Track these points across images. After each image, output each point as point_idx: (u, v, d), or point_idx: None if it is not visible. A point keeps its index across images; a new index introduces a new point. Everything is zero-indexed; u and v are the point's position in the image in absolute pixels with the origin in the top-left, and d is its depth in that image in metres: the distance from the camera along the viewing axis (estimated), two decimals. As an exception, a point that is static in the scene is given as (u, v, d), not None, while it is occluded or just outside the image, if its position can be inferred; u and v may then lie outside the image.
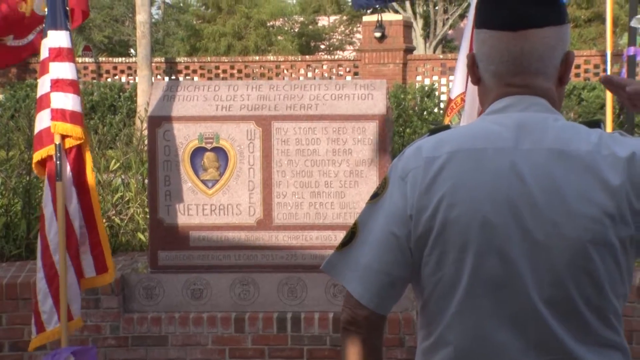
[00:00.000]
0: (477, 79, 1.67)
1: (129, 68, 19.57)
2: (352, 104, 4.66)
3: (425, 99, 16.73)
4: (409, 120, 14.96)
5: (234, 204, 4.67)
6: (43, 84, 3.93)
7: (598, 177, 1.49)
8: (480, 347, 1.53)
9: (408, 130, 13.55)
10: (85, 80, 18.45)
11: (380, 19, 17.69)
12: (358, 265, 1.60)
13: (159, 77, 18.94)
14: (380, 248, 1.58)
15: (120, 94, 18.19)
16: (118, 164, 7.04)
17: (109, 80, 19.21)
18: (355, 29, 29.99)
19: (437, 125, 1.72)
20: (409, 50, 18.66)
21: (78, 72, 4.03)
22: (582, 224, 1.48)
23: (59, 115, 3.85)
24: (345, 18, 30.96)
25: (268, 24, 28.08)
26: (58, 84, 3.87)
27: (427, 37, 26.34)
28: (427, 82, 17.78)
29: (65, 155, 3.89)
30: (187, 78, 19.08)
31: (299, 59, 19.66)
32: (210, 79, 18.80)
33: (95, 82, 18.80)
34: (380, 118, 4.61)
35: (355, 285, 1.59)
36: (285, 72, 18.91)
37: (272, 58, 19.97)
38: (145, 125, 5.02)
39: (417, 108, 16.34)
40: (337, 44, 30.96)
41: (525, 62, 1.58)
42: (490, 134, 1.56)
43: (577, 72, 17.11)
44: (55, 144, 3.86)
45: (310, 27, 30.24)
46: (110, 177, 6.71)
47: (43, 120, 3.91)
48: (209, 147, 4.66)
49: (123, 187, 6.55)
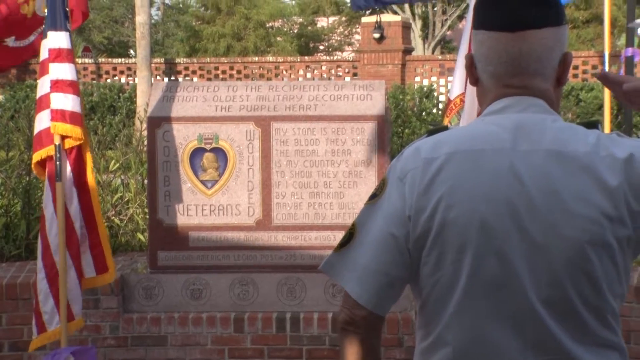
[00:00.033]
0: (475, 80, 1.67)
1: (129, 69, 19.58)
2: (351, 105, 4.67)
3: (424, 100, 16.74)
4: (408, 121, 14.98)
5: (233, 205, 4.68)
6: (43, 85, 3.92)
7: (596, 178, 1.50)
8: (479, 347, 1.53)
9: (407, 131, 13.56)
10: (85, 81, 18.45)
11: (379, 20, 17.70)
12: (356, 266, 1.60)
13: (159, 78, 18.95)
14: (379, 248, 1.58)
15: (120, 95, 18.20)
16: (117, 165, 7.04)
17: (109, 81, 19.22)
18: (354, 30, 29.98)
19: (435, 126, 1.72)
20: (408, 51, 18.68)
21: (78, 72, 4.03)
22: (580, 225, 1.49)
23: (59, 116, 3.84)
24: (344, 19, 30.96)
25: (267, 25, 28.08)
26: (58, 85, 3.87)
27: (425, 38, 26.34)
28: (425, 82, 17.80)
29: (66, 156, 3.89)
30: (186, 79, 19.08)
31: (298, 60, 19.69)
32: (210, 80, 18.81)
33: (95, 82, 18.81)
34: (379, 119, 4.62)
35: (354, 286, 1.59)
36: (285, 72, 18.92)
37: (271, 59, 19.98)
38: (145, 126, 5.03)
39: (415, 109, 16.35)
40: (336, 45, 30.95)
41: (524, 63, 1.57)
42: (489, 135, 1.56)
43: (575, 72, 17.13)
44: (55, 145, 3.86)
45: (309, 28, 30.24)
46: (110, 177, 6.71)
47: (43, 121, 3.90)
48: (209, 147, 4.67)
49: (122, 187, 6.56)
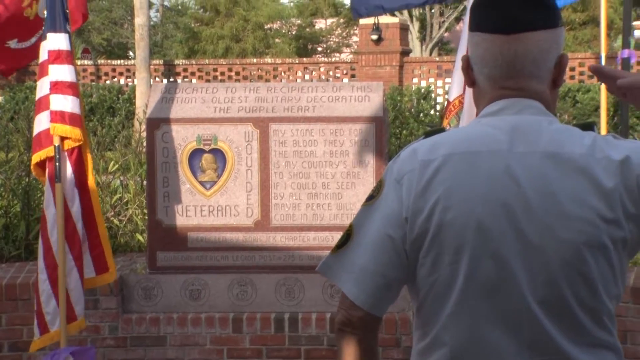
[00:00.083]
0: (471, 82, 1.67)
1: (128, 70, 19.59)
2: (349, 106, 4.69)
3: (422, 101, 16.76)
4: (406, 122, 14.99)
5: (232, 205, 4.70)
6: (42, 86, 3.93)
7: (592, 180, 1.50)
8: (476, 347, 1.54)
9: (404, 132, 13.57)
10: (84, 83, 18.45)
11: (377, 22, 17.70)
12: (354, 267, 1.60)
13: (158, 79, 18.96)
14: (376, 250, 1.58)
15: (119, 96, 18.20)
16: (117, 166, 7.06)
17: (108, 83, 19.22)
18: (352, 32, 29.99)
19: (432, 128, 1.73)
20: (406, 53, 18.71)
21: (77, 74, 4.05)
22: (576, 227, 1.50)
23: (58, 117, 3.85)
24: (342, 21, 30.97)
25: (265, 27, 28.08)
26: (57, 86, 3.87)
27: (423, 39, 26.36)
28: (423, 84, 17.82)
29: (67, 157, 3.90)
30: (185, 80, 19.08)
31: (297, 62, 19.71)
32: (208, 81, 18.81)
33: (94, 84, 18.80)
34: (377, 120, 4.64)
35: (351, 287, 1.59)
36: (283, 74, 18.94)
37: (269, 60, 20.00)
38: (144, 127, 5.05)
39: (413, 110, 16.37)
40: (334, 47, 30.95)
41: (519, 65, 1.58)
42: (485, 137, 1.57)
43: (571, 74, 17.16)
44: (55, 146, 3.87)
45: (308, 29, 30.25)
46: (109, 178, 6.72)
47: (42, 122, 3.91)
48: (207, 148, 4.69)
49: (122, 188, 6.57)
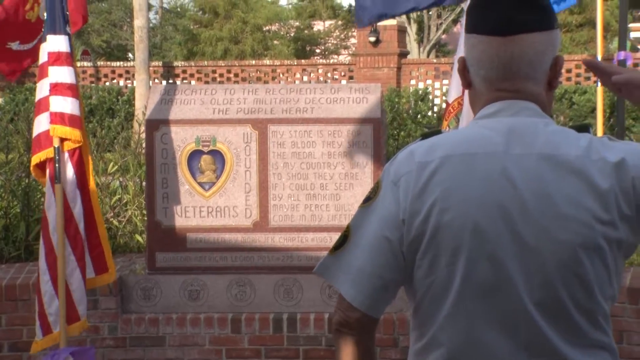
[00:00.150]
0: (468, 83, 1.67)
1: (127, 72, 19.62)
2: (347, 108, 4.71)
3: (419, 103, 16.82)
4: (403, 124, 15.03)
5: (231, 206, 4.72)
6: (42, 88, 3.95)
7: (588, 181, 1.51)
8: (472, 348, 1.55)
9: (402, 134, 13.60)
10: (84, 84, 18.46)
11: (375, 24, 17.74)
12: (351, 268, 1.60)
13: (157, 81, 18.98)
14: (373, 251, 1.58)
15: (119, 98, 18.23)
16: (116, 167, 7.08)
17: (107, 84, 19.26)
18: (350, 34, 30.01)
19: (429, 130, 1.75)
20: (403, 55, 18.76)
21: (77, 76, 4.07)
22: (572, 228, 1.50)
23: (58, 119, 3.86)
24: (340, 23, 31.03)
25: (264, 29, 28.09)
26: (57, 88, 3.89)
27: (421, 41, 26.38)
28: (421, 85, 17.87)
29: (69, 158, 3.92)
30: (184, 82, 19.11)
31: (295, 63, 19.73)
32: (207, 83, 18.83)
33: (94, 85, 18.84)
34: (375, 121, 4.66)
35: (348, 288, 1.60)
36: (281, 76, 18.96)
37: (268, 62, 20.02)
38: (143, 129, 5.07)
39: (411, 111, 16.42)
40: (332, 49, 30.98)
41: (515, 67, 1.58)
42: (481, 139, 1.57)
43: (568, 76, 17.21)
44: (54, 147, 3.89)
45: (306, 31, 30.27)
46: (109, 179, 6.74)
47: (42, 124, 3.93)
48: (206, 150, 4.71)
49: (121, 189, 6.59)
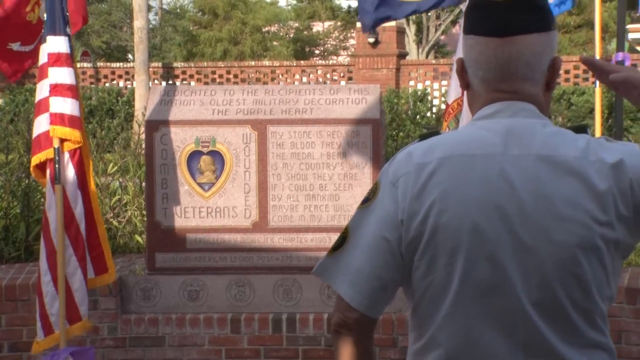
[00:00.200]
0: (466, 84, 1.67)
1: (127, 73, 19.64)
2: (346, 109, 4.72)
3: (418, 104, 16.84)
4: (402, 124, 15.05)
5: (230, 207, 4.73)
6: (42, 89, 3.95)
7: (586, 182, 1.52)
8: (471, 348, 1.55)
9: (401, 134, 13.62)
10: (84, 85, 18.48)
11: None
12: (349, 269, 1.60)
13: (157, 82, 18.99)
14: (372, 252, 1.59)
15: (118, 99, 18.25)
16: (116, 168, 7.09)
17: (107, 85, 19.28)
18: (349, 35, 30.05)
19: (428, 131, 1.75)
20: (402, 56, 18.78)
21: (77, 76, 4.08)
22: (570, 229, 1.51)
23: (58, 120, 3.87)
24: (340, 24, 31.07)
25: (263, 30, 28.14)
26: (57, 89, 3.89)
27: (419, 42, 26.40)
28: (419, 86, 17.90)
29: (70, 159, 3.92)
30: (184, 83, 19.12)
31: (294, 64, 19.75)
32: (207, 84, 18.84)
33: (94, 86, 18.87)
34: (374, 122, 4.67)
35: (346, 289, 1.60)
36: (281, 77, 18.98)
37: (267, 63, 20.04)
38: (143, 129, 5.08)
39: (410, 112, 16.44)
40: (331, 50, 31.02)
41: (512, 68, 1.59)
42: (479, 140, 1.58)
43: (566, 77, 17.24)
44: (54, 148, 3.90)
45: (305, 32, 30.31)
46: (108, 180, 6.75)
47: (41, 124, 3.93)
48: (206, 150, 4.72)
49: (121, 190, 6.60)
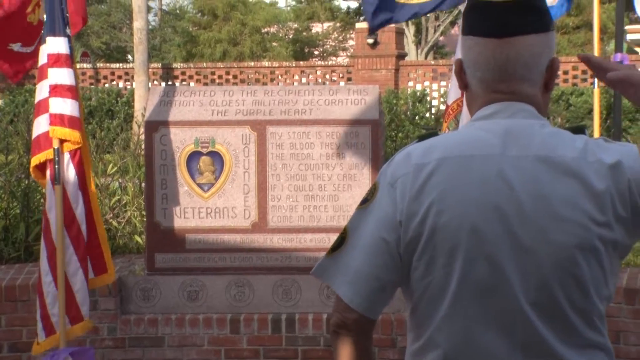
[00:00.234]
0: (464, 85, 1.68)
1: (127, 74, 19.64)
2: (345, 109, 4.73)
3: (417, 104, 16.87)
4: (401, 125, 15.05)
5: (230, 207, 4.74)
6: (41, 90, 3.95)
7: (584, 183, 1.52)
8: (469, 349, 1.56)
9: (400, 135, 13.61)
10: (83, 86, 18.49)
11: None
12: (348, 270, 1.61)
13: (156, 82, 19.00)
14: (370, 253, 1.59)
15: (118, 99, 18.27)
16: (115, 168, 7.10)
17: (107, 86, 19.28)
18: (348, 36, 30.08)
19: (426, 131, 1.76)
20: (401, 57, 18.79)
21: (77, 77, 4.09)
22: (568, 229, 1.51)
23: (58, 120, 3.87)
24: (339, 25, 31.11)
25: (263, 31, 28.18)
26: (57, 90, 3.89)
27: (418, 43, 26.45)
28: (418, 87, 17.92)
29: (70, 160, 3.93)
30: (183, 83, 19.12)
31: (293, 65, 19.77)
32: (206, 85, 18.85)
33: (93, 87, 18.88)
34: (373, 123, 4.68)
35: (345, 289, 1.60)
36: (280, 77, 18.99)
37: (266, 64, 20.06)
38: (142, 130, 5.09)
39: (409, 113, 16.47)
40: (330, 50, 31.06)
41: (511, 68, 1.59)
42: (478, 141, 1.58)
43: (565, 77, 17.26)
44: (54, 148, 3.90)
45: (304, 33, 30.35)
46: (108, 180, 6.76)
47: (41, 125, 3.93)
48: (205, 151, 4.73)
49: (120, 190, 6.60)
